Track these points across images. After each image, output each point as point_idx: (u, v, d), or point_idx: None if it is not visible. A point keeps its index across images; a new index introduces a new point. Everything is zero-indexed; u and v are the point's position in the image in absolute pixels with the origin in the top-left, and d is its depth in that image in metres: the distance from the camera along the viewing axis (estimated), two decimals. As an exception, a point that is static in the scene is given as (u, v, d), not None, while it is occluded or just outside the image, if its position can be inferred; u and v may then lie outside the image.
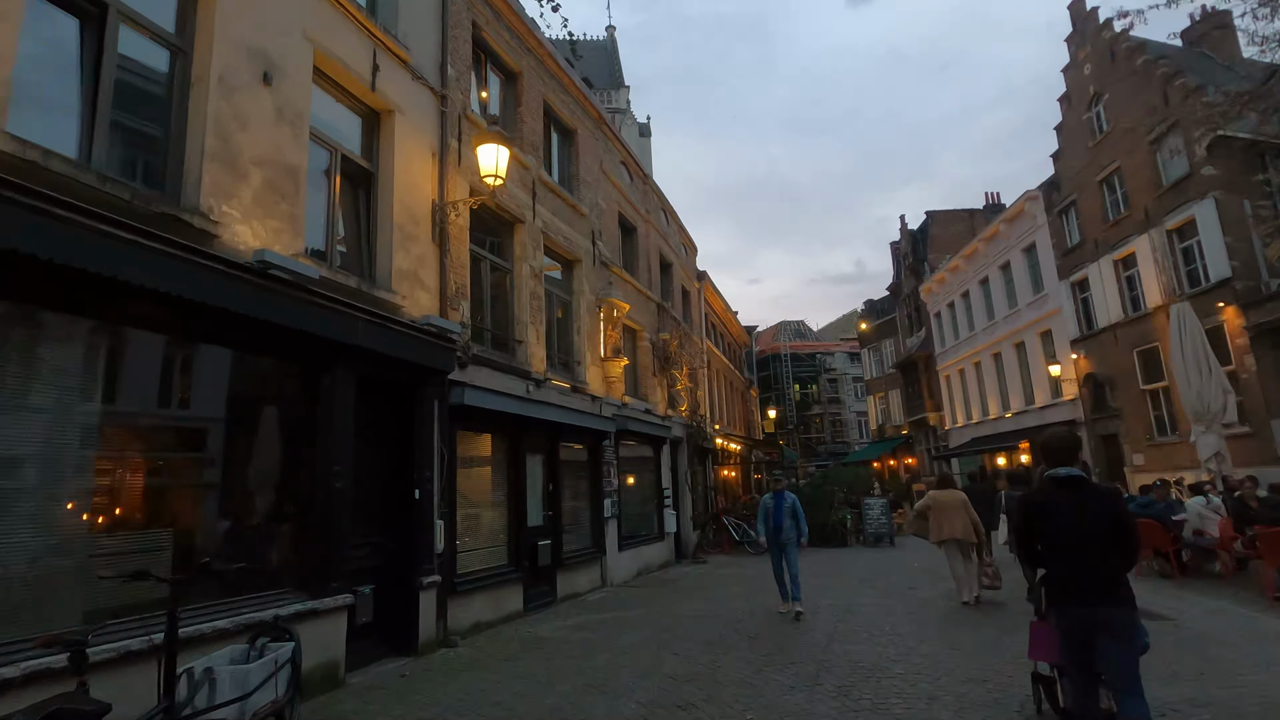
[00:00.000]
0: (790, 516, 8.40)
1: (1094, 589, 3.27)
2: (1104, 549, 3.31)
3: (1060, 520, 3.38)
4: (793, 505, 8.49)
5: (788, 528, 8.36)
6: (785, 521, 8.36)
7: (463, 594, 7.46)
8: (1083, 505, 3.36)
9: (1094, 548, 3.31)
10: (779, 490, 8.74)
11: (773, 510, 8.50)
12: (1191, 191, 18.03)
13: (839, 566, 12.91)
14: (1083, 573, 3.30)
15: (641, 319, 14.01)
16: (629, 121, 46.77)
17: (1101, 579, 3.29)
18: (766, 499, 8.72)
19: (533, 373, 9.44)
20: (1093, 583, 3.28)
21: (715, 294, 23.02)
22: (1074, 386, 23.34)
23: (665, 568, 13.38)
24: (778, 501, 8.53)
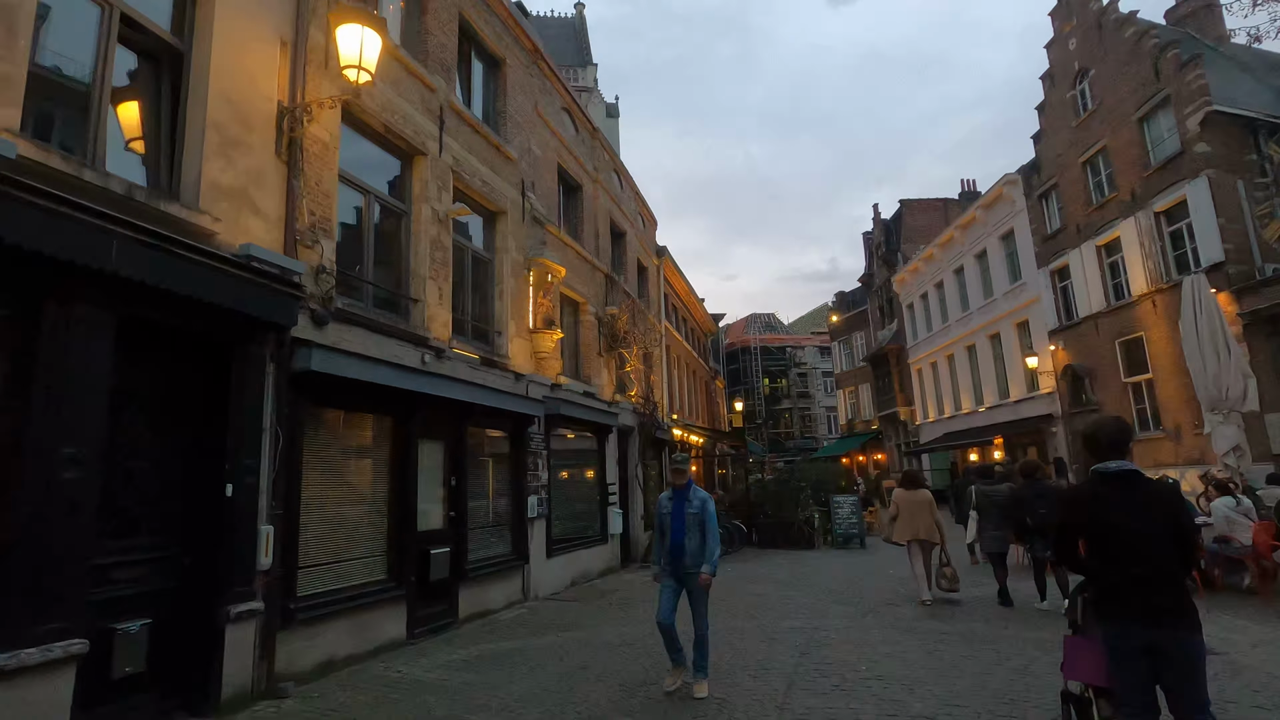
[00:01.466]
0: (697, 529, 5.25)
1: (1159, 604, 2.84)
2: (1166, 557, 2.91)
3: (1114, 522, 2.96)
4: (702, 511, 5.30)
5: (693, 547, 5.23)
6: (689, 537, 5.24)
7: (306, 623, 5.61)
8: (1141, 506, 2.94)
9: (1156, 555, 2.89)
10: (680, 487, 5.43)
11: (670, 518, 5.34)
12: (1183, 170, 16.89)
13: (805, 574, 11.31)
14: (1145, 584, 2.87)
15: (585, 290, 12.22)
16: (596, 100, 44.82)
17: (1167, 593, 2.86)
18: (663, 501, 5.53)
19: (431, 339, 7.59)
20: (1157, 596, 2.85)
21: (677, 274, 21.32)
22: (1051, 379, 22.23)
23: (608, 574, 11.63)
24: (678, 505, 5.35)
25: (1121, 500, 2.97)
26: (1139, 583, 2.87)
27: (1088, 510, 3.07)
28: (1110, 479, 3.02)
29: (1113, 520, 2.95)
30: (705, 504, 5.36)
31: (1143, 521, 2.91)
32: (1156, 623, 2.81)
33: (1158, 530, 2.90)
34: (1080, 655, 3.31)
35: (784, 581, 10.48)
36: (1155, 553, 2.88)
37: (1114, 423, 3.24)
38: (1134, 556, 2.89)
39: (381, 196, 7.47)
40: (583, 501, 11.63)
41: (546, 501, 9.86)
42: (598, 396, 12.06)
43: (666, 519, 5.40)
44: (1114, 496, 2.99)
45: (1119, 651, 2.91)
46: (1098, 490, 3.06)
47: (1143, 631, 2.82)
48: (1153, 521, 2.91)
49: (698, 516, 5.30)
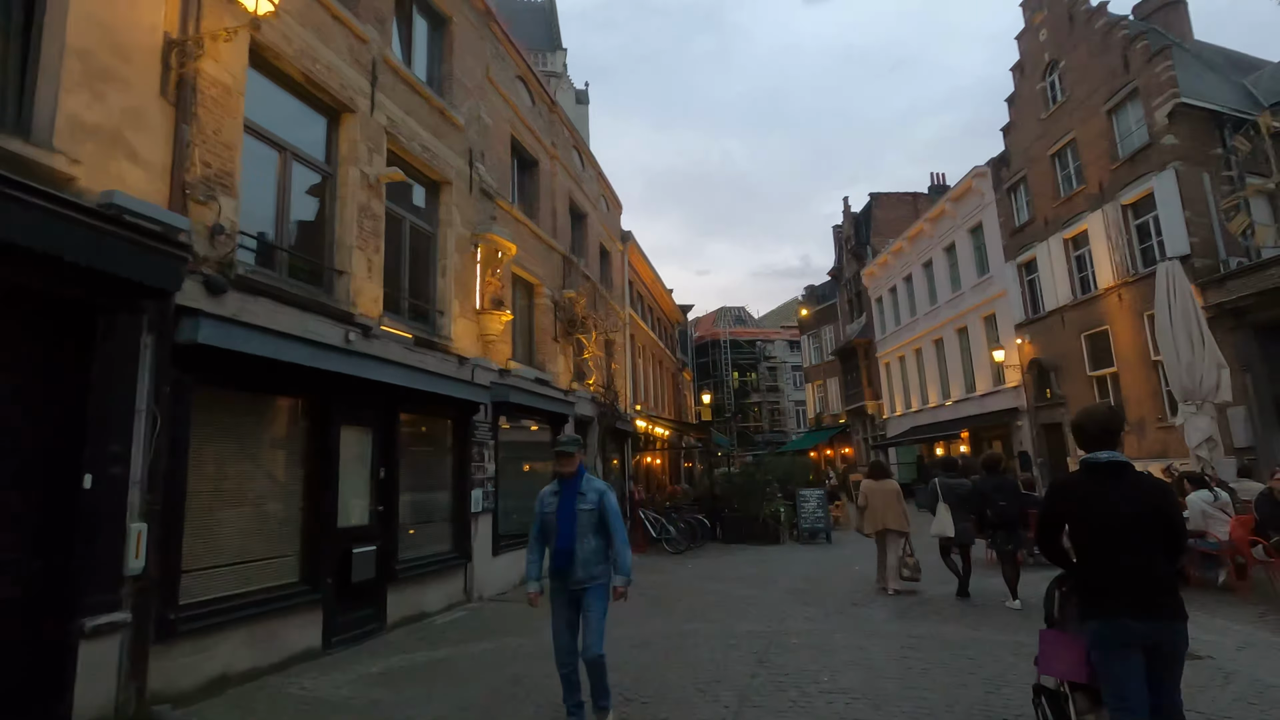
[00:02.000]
0: (595, 532, 4.18)
1: (1149, 598, 2.75)
2: (1154, 550, 2.82)
3: (1102, 513, 2.87)
4: (599, 507, 4.20)
5: (588, 555, 4.12)
6: (581, 542, 4.12)
7: (193, 635, 4.86)
8: (1129, 497, 2.85)
9: (1146, 547, 2.80)
10: (568, 476, 4.27)
11: (555, 517, 4.21)
12: (1151, 162, 16.81)
13: (768, 571, 10.82)
14: (1136, 577, 2.78)
15: (541, 271, 11.52)
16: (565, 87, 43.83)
17: (1157, 586, 2.78)
18: (544, 496, 4.40)
19: (358, 315, 6.84)
20: (1147, 590, 2.76)
21: (643, 261, 20.68)
22: (1018, 373, 22.19)
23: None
24: (566, 501, 4.19)
25: (1110, 492, 2.86)
26: (1130, 576, 2.78)
27: (1075, 501, 2.97)
28: (1100, 470, 2.91)
29: (1102, 512, 2.85)
30: (604, 498, 4.23)
31: (1132, 514, 2.81)
32: (1151, 616, 2.72)
33: (1147, 523, 2.81)
34: (1057, 650, 3.17)
35: (746, 579, 9.96)
36: (1145, 545, 2.80)
37: (1105, 410, 3.10)
38: (1124, 549, 2.80)
39: (301, 154, 6.67)
40: (535, 495, 10.93)
41: (494, 495, 9.18)
42: (553, 384, 11.39)
43: (551, 519, 4.20)
44: (1103, 488, 2.88)
45: (1110, 647, 2.78)
46: (1086, 481, 2.96)
47: (1137, 625, 2.72)
48: (1142, 514, 2.82)
49: (594, 514, 4.16)
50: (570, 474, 4.29)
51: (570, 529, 4.13)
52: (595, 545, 4.18)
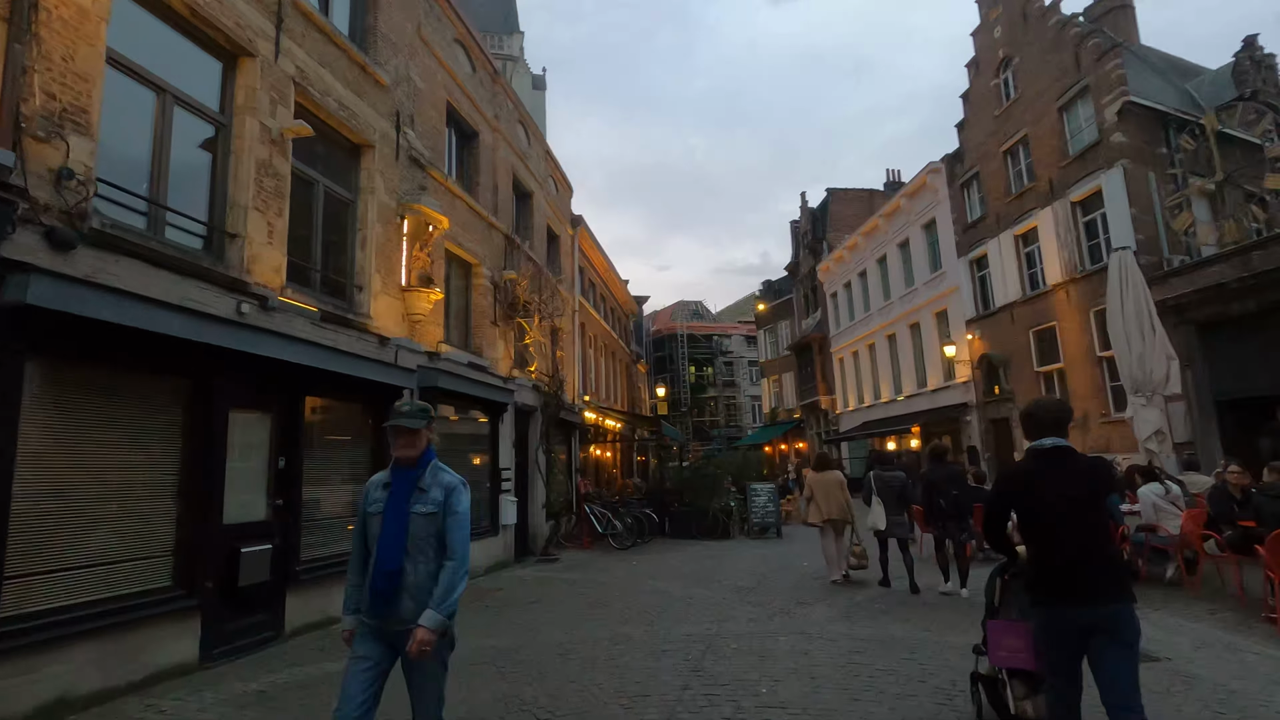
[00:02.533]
0: (433, 544, 2.85)
1: (1094, 582, 2.71)
2: (1100, 533, 2.82)
3: (1045, 498, 2.85)
4: (444, 509, 2.88)
5: (422, 580, 2.79)
6: (414, 560, 2.80)
7: (20, 653, 4.06)
8: (1071, 480, 2.86)
9: (1090, 531, 2.79)
10: (407, 464, 2.92)
11: (383, 520, 2.84)
12: (1100, 160, 16.99)
13: (715, 567, 10.36)
14: (1080, 562, 2.74)
15: (479, 250, 10.78)
16: (521, 71, 42.60)
17: (1102, 569, 2.73)
18: (371, 488, 2.99)
19: (253, 285, 6.04)
20: (1092, 574, 2.72)
21: (595, 248, 20.04)
22: (968, 368, 22.37)
23: (497, 570, 10.32)
24: (395, 498, 2.86)
25: (1054, 476, 2.88)
26: (1073, 560, 2.75)
27: (1021, 486, 2.98)
28: (1044, 455, 2.94)
29: (1043, 496, 2.86)
30: (452, 496, 2.91)
31: (1074, 496, 2.82)
32: (1094, 600, 2.68)
33: (1089, 504, 2.83)
34: (1004, 639, 3.16)
35: (690, 576, 9.48)
36: (1088, 527, 2.79)
37: (1054, 402, 3.20)
38: (1067, 531, 2.78)
39: (185, 98, 5.83)
40: (471, 489, 10.24)
41: (419, 488, 8.44)
42: (491, 370, 10.68)
43: (375, 521, 2.87)
44: (1047, 472, 2.90)
45: (1053, 634, 2.79)
46: (1031, 467, 2.97)
47: (1080, 612, 2.69)
48: (1083, 496, 2.83)
49: (434, 519, 2.84)
50: (410, 460, 2.92)
51: (398, 539, 2.77)
52: (426, 569, 2.80)
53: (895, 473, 8.43)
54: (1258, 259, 13.07)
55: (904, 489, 8.15)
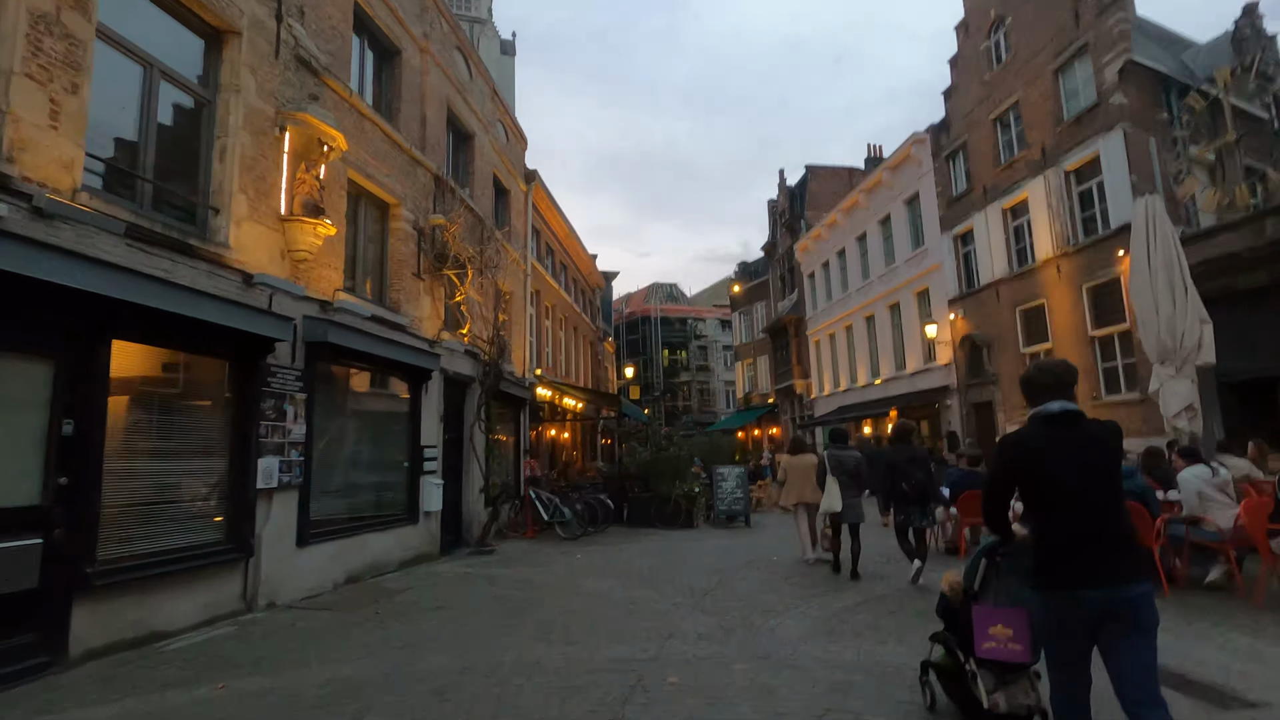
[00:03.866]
0: None
1: (1112, 560, 2.37)
2: (1118, 505, 2.46)
3: (1056, 469, 2.48)
4: None
5: None
6: None
7: None
8: (1085, 447, 2.50)
9: (1107, 504, 2.44)
10: None
11: None
12: (1098, 124, 15.78)
13: (671, 562, 8.92)
14: (1096, 539, 2.39)
15: (399, 188, 9.09)
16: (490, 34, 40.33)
17: (1121, 546, 2.40)
18: None
19: (17, 180, 4.35)
20: (1110, 551, 2.38)
21: (555, 212, 18.31)
22: (949, 350, 21.24)
23: (413, 565, 8.74)
24: None
25: (1064, 443, 2.51)
26: (1087, 538, 2.40)
27: (1029, 455, 2.55)
28: (1054, 420, 2.56)
29: (1055, 466, 2.48)
30: None
31: (1087, 465, 2.46)
32: (1111, 581, 2.34)
33: (1103, 474, 2.47)
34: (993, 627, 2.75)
35: (640, 574, 8.02)
36: (1103, 500, 2.44)
37: (1056, 362, 2.74)
38: (1081, 506, 2.43)
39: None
40: (382, 468, 8.62)
41: (303, 466, 6.83)
42: (410, 330, 9.03)
43: None
44: (1056, 439, 2.52)
45: (1064, 621, 2.41)
46: (1039, 434, 2.58)
47: (1095, 594, 2.34)
48: (1095, 465, 2.47)
49: None
50: None
51: None
52: None
53: (850, 452, 7.98)
54: (1271, 227, 11.94)
55: (858, 469, 7.73)
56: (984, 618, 2.84)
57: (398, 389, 9.03)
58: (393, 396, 8.97)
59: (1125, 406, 14.98)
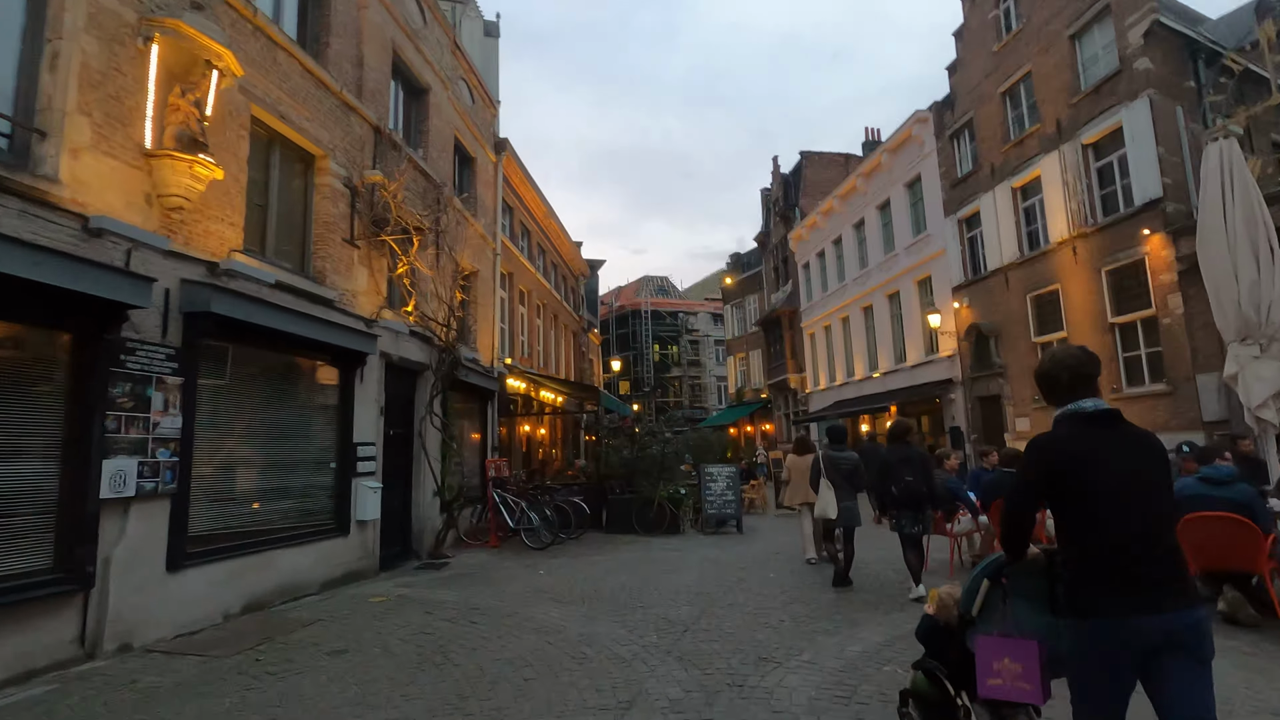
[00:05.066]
0: None
1: (1168, 583, 2.03)
2: (1171, 522, 2.18)
3: (1105, 474, 2.10)
4: None
5: None
6: None
7: None
8: (1135, 453, 2.15)
9: (1161, 518, 2.11)
10: None
11: None
12: (1120, 92, 14.49)
13: (647, 579, 7.55)
14: (1151, 558, 2.03)
15: (327, 136, 7.64)
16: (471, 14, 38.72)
17: (1176, 568, 2.06)
18: None
19: None
20: (1166, 573, 2.04)
21: (531, 188, 16.80)
22: (953, 340, 19.96)
23: (342, 584, 7.33)
24: None
25: (1109, 447, 2.14)
26: (1141, 559, 2.02)
27: (1069, 462, 2.14)
28: (1095, 421, 2.19)
29: (1103, 475, 2.10)
30: None
31: (1141, 474, 2.11)
32: (1165, 607, 1.97)
33: (1156, 483, 2.13)
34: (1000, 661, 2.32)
35: (607, 598, 6.63)
36: (1157, 514, 2.08)
37: (1079, 353, 2.36)
38: (1132, 521, 2.05)
39: None
40: (300, 470, 7.18)
41: (177, 469, 5.39)
42: (339, 305, 7.59)
43: None
44: (1100, 443, 2.15)
45: (1107, 655, 2.01)
46: (1077, 435, 2.18)
47: (1149, 622, 1.96)
48: (1149, 472, 2.13)
49: None
50: None
51: None
52: None
53: (847, 453, 7.45)
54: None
55: (855, 471, 7.25)
56: (989, 650, 2.43)
57: (322, 375, 7.59)
58: (316, 384, 7.52)
59: (1150, 400, 13.74)
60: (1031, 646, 2.34)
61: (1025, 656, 2.34)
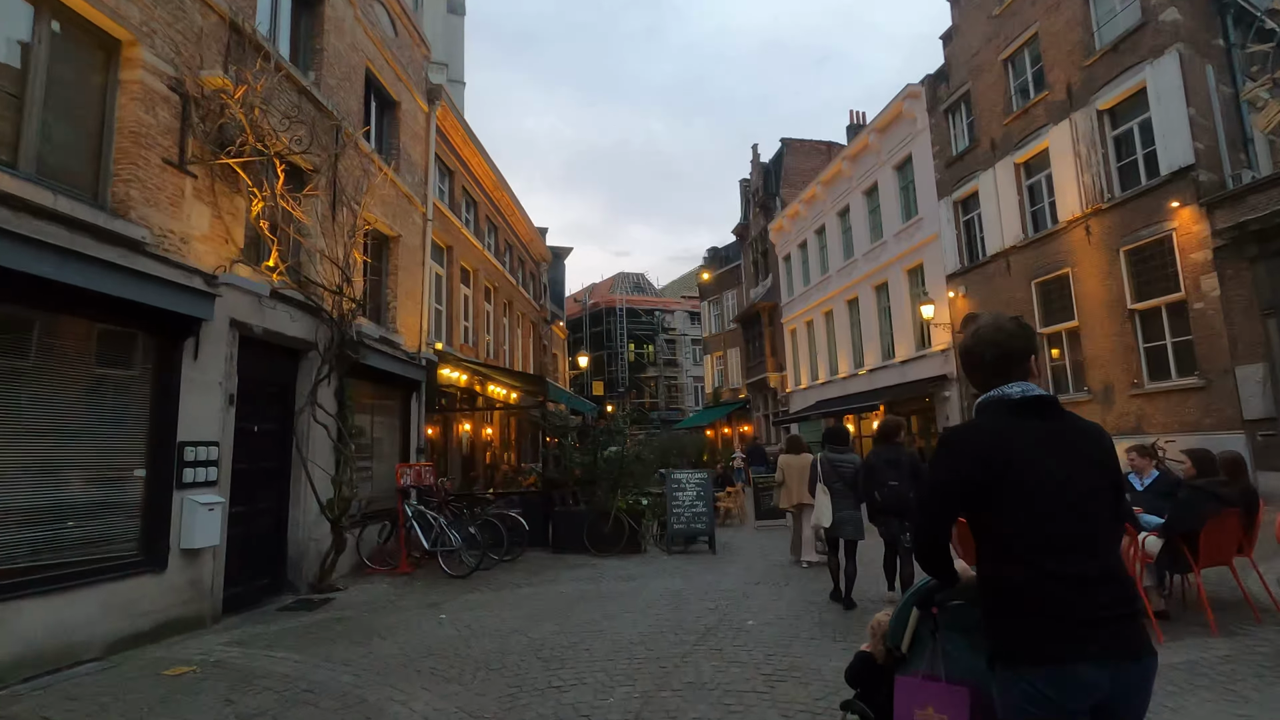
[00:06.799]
0: None
1: (1125, 620, 1.58)
2: (1113, 537, 1.73)
3: (1039, 478, 1.66)
4: None
5: None
6: None
7: None
8: (1078, 453, 1.71)
9: (1111, 534, 1.72)
10: None
11: None
12: (1144, 49, 12.86)
13: (576, 638, 5.50)
14: (1094, 586, 1.58)
15: (138, 15, 5.44)
16: (435, -12, 36.38)
17: (1130, 599, 1.62)
18: None
19: None
20: (1120, 607, 1.58)
21: (477, 153, 14.58)
22: (947, 333, 18.24)
23: (149, 641, 5.19)
24: None
25: (1048, 445, 1.69)
26: (1088, 585, 1.57)
27: (993, 461, 1.68)
28: (1024, 410, 1.75)
29: (1040, 478, 1.65)
30: None
31: (1078, 477, 1.67)
32: (1118, 653, 1.54)
33: (1107, 495, 1.70)
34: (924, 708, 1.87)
35: (509, 672, 4.58)
36: (1103, 530, 1.66)
37: (1009, 324, 1.87)
38: (1075, 537, 1.61)
39: None
40: (79, 478, 5.02)
41: None
42: (154, 250, 5.44)
43: None
44: (1036, 439, 1.70)
45: (1049, 711, 1.53)
46: (1003, 429, 1.74)
47: (1099, 671, 1.53)
48: (1096, 476, 1.70)
49: None
50: None
51: None
52: None
53: (848, 456, 6.81)
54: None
55: (856, 477, 6.54)
56: (909, 695, 1.95)
57: (125, 347, 5.42)
58: (114, 359, 5.35)
59: (1179, 396, 12.08)
60: (961, 694, 1.85)
61: (952, 706, 1.84)
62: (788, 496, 8.71)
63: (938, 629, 1.99)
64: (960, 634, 1.94)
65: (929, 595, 2.03)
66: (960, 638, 1.94)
